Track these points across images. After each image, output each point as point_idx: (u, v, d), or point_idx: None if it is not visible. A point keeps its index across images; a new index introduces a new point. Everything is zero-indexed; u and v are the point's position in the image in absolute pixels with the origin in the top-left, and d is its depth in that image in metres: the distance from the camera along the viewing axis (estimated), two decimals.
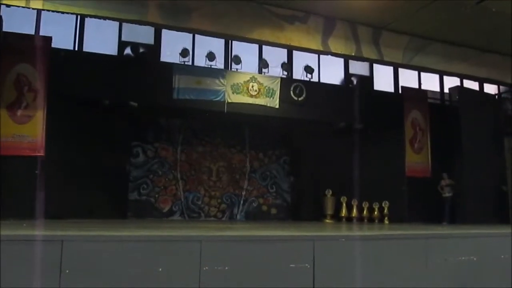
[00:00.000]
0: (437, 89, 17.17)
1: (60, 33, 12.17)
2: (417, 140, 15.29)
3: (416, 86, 16.53)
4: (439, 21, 12.29)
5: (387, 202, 14.74)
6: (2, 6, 10.46)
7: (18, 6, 9.74)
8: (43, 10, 10.08)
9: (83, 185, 12.23)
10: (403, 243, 7.31)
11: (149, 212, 14.21)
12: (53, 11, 10.00)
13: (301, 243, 6.50)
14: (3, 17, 10.93)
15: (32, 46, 11.08)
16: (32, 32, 11.85)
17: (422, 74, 16.30)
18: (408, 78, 16.21)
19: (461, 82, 16.34)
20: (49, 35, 11.54)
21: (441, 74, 15.83)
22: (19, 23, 11.52)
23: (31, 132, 10.87)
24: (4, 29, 10.86)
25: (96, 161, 12.68)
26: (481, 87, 16.76)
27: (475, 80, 15.62)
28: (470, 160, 14.27)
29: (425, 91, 16.38)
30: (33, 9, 9.96)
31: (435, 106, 16.28)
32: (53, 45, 11.48)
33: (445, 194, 14.60)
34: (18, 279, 4.97)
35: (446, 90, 16.96)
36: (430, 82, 16.80)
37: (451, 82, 16.44)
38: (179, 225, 10.37)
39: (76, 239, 5.52)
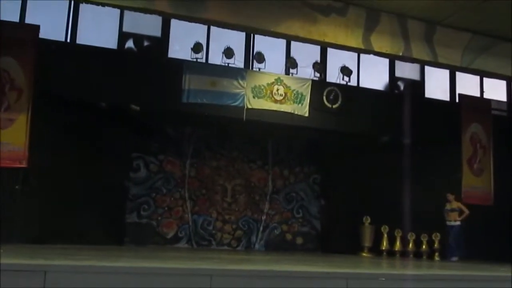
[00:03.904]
0: (504, 98, 16.99)
1: (50, 22, 12.33)
2: (477, 160, 15.08)
3: (478, 94, 16.39)
4: (508, 16, 12.15)
5: (438, 234, 14.51)
6: None
7: None
8: None
9: (72, 204, 12.33)
10: (455, 286, 7.21)
11: (150, 238, 14.29)
12: None
13: (332, 282, 6.45)
14: None
15: (16, 36, 11.19)
16: (17, 20, 12.03)
17: (485, 79, 16.14)
18: (468, 84, 16.06)
19: None
20: (37, 23, 11.67)
21: (510, 80, 15.66)
22: (1, 9, 11.70)
23: (12, 139, 10.91)
24: None
25: (89, 175, 12.76)
26: None
27: None
28: None
29: (489, 101, 16.19)
30: None
31: (501, 119, 16.12)
32: (41, 36, 11.61)
33: (450, 221, 13.85)
34: None
35: None
36: (495, 90, 16.62)
37: None
38: (185, 255, 10.37)
39: (62, 270, 5.55)
